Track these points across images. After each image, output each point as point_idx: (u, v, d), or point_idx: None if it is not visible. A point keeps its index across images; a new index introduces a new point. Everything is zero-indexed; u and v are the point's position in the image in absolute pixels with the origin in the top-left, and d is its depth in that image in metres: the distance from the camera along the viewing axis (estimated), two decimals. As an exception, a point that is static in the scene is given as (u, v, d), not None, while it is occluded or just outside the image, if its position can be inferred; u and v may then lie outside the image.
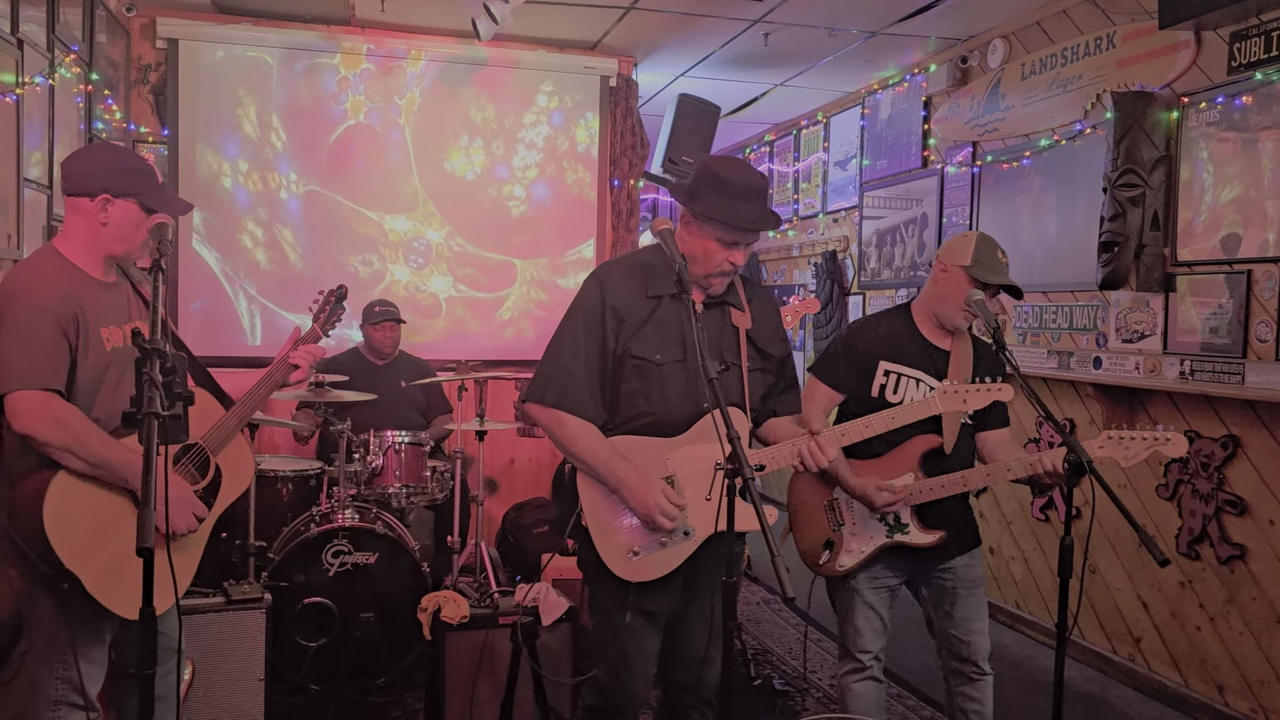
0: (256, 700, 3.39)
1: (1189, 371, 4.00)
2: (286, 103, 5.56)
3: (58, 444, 2.18)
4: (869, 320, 3.11)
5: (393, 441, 4.35)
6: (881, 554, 2.91)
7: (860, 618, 2.96)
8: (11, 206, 3.69)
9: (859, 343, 2.99)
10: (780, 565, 1.92)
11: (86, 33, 4.56)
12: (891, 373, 2.93)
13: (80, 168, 2.36)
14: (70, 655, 2.29)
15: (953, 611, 2.96)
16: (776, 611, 5.25)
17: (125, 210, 2.34)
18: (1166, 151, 4.11)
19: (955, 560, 2.95)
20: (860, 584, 2.94)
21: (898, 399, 2.91)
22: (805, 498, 3.03)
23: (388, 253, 5.76)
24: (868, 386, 2.93)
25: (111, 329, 2.38)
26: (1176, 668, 4.15)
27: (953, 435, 2.85)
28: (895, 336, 2.96)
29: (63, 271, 2.32)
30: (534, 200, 5.95)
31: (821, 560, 2.94)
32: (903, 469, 2.87)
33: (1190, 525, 4.03)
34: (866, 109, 6.57)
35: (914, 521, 2.87)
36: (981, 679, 2.97)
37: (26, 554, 2.20)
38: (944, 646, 3.02)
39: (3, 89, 3.56)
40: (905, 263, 6.06)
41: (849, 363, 2.97)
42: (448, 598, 3.57)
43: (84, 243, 2.36)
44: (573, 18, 5.38)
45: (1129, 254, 4.14)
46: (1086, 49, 4.59)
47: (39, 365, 2.19)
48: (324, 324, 2.82)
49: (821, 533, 2.96)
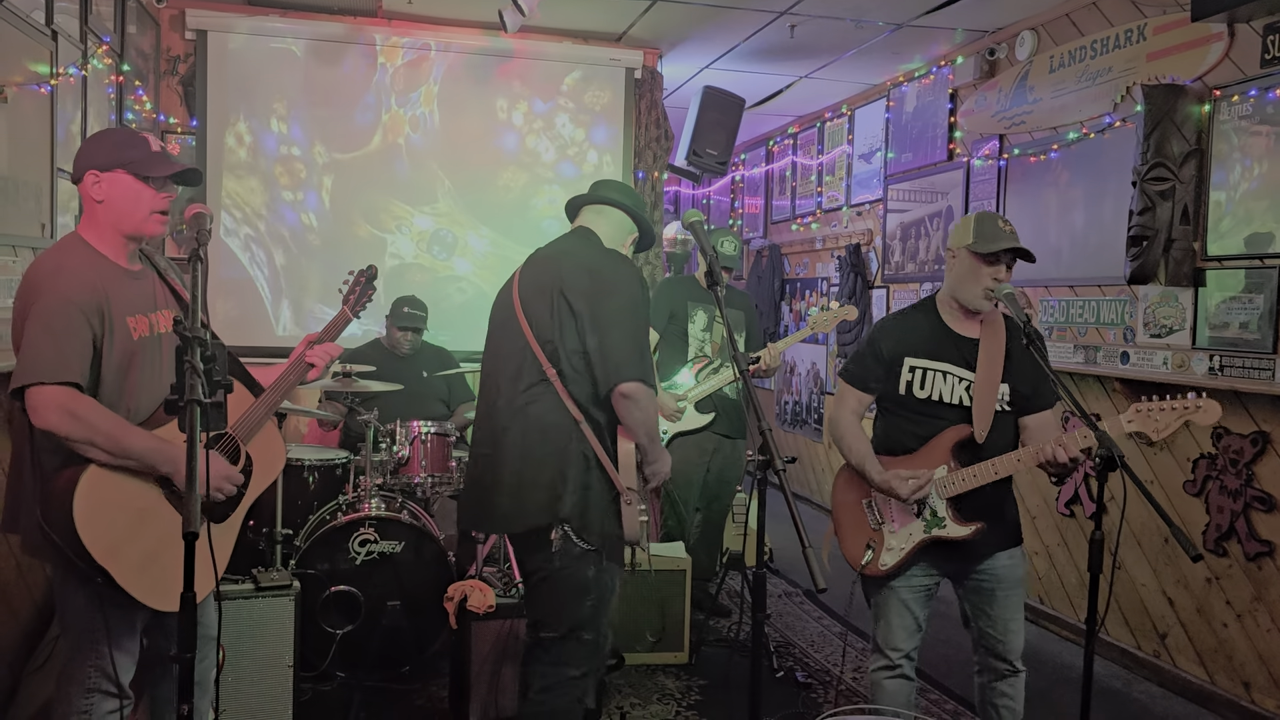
0: (285, 686, 3.43)
1: (1218, 367, 3.97)
2: (313, 94, 5.59)
3: (77, 438, 2.17)
4: (891, 317, 3.09)
5: (419, 431, 4.38)
6: (922, 551, 2.88)
7: (894, 615, 2.94)
8: (46, 196, 3.73)
9: (882, 341, 2.97)
10: (812, 556, 1.93)
11: (118, 24, 4.60)
12: (917, 368, 2.91)
13: (80, 154, 2.38)
14: (104, 645, 2.31)
15: (990, 610, 2.93)
16: (799, 604, 5.26)
17: (115, 182, 2.33)
18: (1197, 145, 4.07)
19: (997, 558, 2.91)
20: (898, 583, 2.92)
21: (925, 394, 2.90)
22: (844, 498, 3.02)
23: (412, 243, 5.79)
24: (895, 384, 2.93)
25: (138, 318, 2.37)
26: (1202, 664, 4.13)
27: (984, 424, 2.82)
28: (918, 331, 2.94)
29: (88, 260, 2.32)
30: (558, 192, 5.96)
31: (864, 561, 2.91)
32: (936, 462, 2.85)
33: (1218, 522, 4.01)
34: (892, 101, 6.54)
35: (950, 514, 2.85)
36: (1014, 676, 2.95)
37: (60, 548, 2.20)
38: (979, 642, 2.99)
39: (38, 80, 3.60)
40: (929, 256, 6.03)
41: (874, 363, 2.96)
42: (474, 587, 3.60)
43: (99, 228, 2.37)
44: (598, 9, 5.38)
45: (1158, 248, 4.11)
46: (1117, 41, 4.56)
47: (60, 359, 2.18)
48: (354, 305, 2.83)
49: (863, 532, 2.95)
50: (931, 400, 2.89)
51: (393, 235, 5.75)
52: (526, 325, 2.69)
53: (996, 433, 2.85)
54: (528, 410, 2.66)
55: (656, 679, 4.13)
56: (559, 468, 2.63)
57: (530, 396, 2.67)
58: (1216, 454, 4.02)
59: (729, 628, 4.72)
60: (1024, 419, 2.92)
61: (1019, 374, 2.88)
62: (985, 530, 2.84)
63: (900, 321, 3.02)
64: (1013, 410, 2.90)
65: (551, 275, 2.71)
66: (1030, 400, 2.90)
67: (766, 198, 8.66)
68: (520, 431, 2.67)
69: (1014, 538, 2.97)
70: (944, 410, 2.89)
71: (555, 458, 2.63)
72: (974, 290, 2.86)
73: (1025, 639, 3.02)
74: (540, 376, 2.65)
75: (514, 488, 2.67)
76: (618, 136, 6.03)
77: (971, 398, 2.85)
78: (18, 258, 3.49)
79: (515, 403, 2.68)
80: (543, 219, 5.94)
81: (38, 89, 3.61)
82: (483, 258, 5.89)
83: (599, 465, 2.66)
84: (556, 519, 2.63)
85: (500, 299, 2.88)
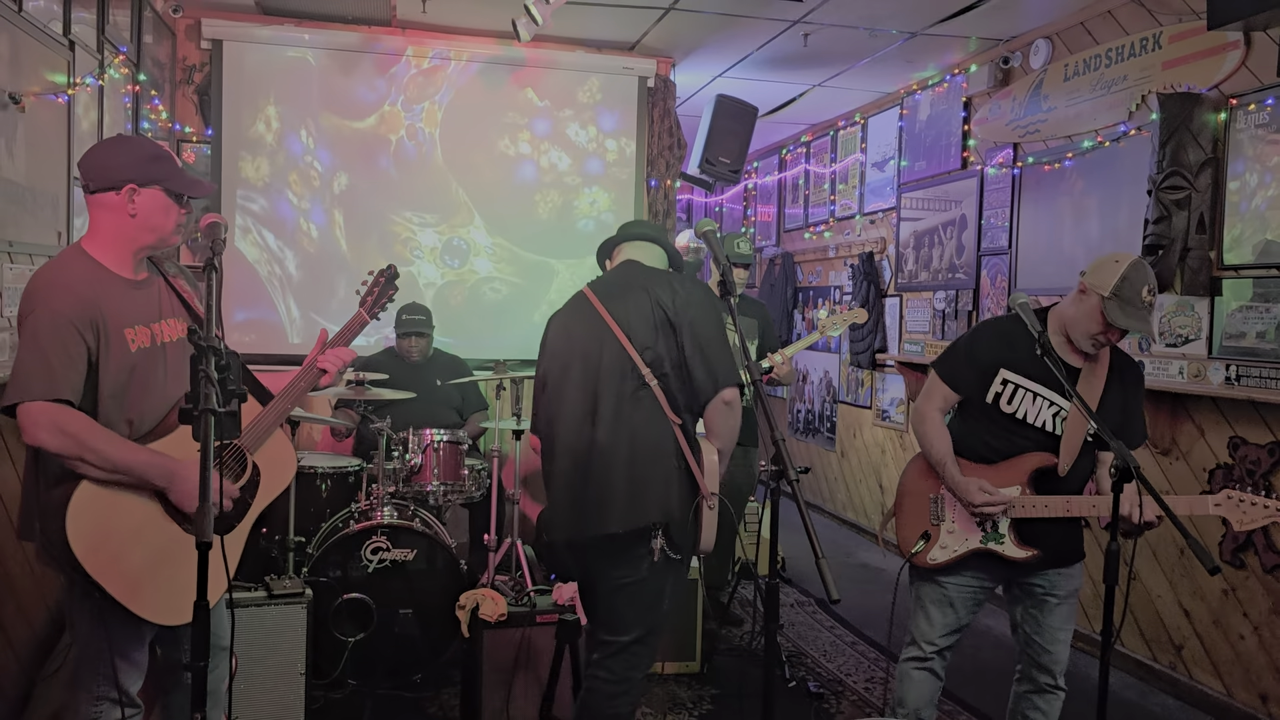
0: (297, 694, 3.44)
1: (1235, 377, 3.95)
2: (328, 103, 5.61)
3: (68, 454, 2.15)
4: (995, 323, 2.99)
5: (431, 440, 4.38)
6: (972, 558, 2.86)
7: (934, 608, 2.93)
8: (62, 205, 3.76)
9: (981, 347, 2.90)
10: (825, 567, 1.92)
11: (134, 34, 4.63)
12: (1010, 382, 2.83)
13: (102, 162, 2.33)
14: (110, 657, 2.30)
15: (1041, 618, 2.90)
16: (811, 614, 5.24)
17: (152, 198, 2.32)
18: (1213, 154, 4.05)
19: (1055, 569, 2.89)
20: (947, 580, 2.91)
21: (1011, 410, 2.83)
22: (913, 487, 2.99)
23: (425, 251, 5.80)
24: (984, 391, 2.86)
25: (138, 329, 2.34)
26: (1219, 676, 4.09)
27: (1070, 458, 2.77)
28: (1021, 345, 2.80)
29: (86, 274, 2.29)
30: (571, 200, 5.97)
31: (915, 549, 2.91)
32: (1011, 480, 2.81)
33: (1234, 533, 3.97)
34: (905, 110, 6.53)
35: (1011, 534, 2.82)
36: (1054, 693, 2.93)
37: (59, 562, 2.20)
38: (1024, 651, 2.96)
39: (55, 89, 3.63)
40: (943, 265, 6.01)
41: (968, 366, 2.90)
42: (486, 595, 3.60)
43: (112, 239, 2.34)
44: (612, 18, 5.39)
45: (1174, 257, 4.09)
46: (1132, 50, 4.54)
47: (50, 376, 2.16)
48: (371, 307, 2.80)
49: (921, 523, 2.93)
50: (1016, 418, 2.83)
51: (407, 242, 5.77)
52: (624, 337, 2.78)
53: (1077, 463, 2.81)
54: (634, 416, 2.75)
55: (669, 688, 4.11)
56: (664, 468, 2.73)
57: (636, 401, 2.76)
58: (1233, 464, 3.99)
59: (741, 637, 4.71)
60: (1103, 453, 2.87)
61: (1113, 409, 2.81)
62: (1043, 556, 2.82)
63: (1001, 328, 2.92)
64: (1094, 443, 2.83)
65: (640, 292, 2.84)
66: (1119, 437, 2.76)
67: (779, 206, 8.66)
68: (629, 435, 2.74)
69: (1075, 555, 2.93)
70: (1028, 431, 2.83)
71: (661, 460, 2.73)
72: (1084, 336, 2.77)
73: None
74: (642, 382, 2.76)
75: (627, 487, 2.73)
76: (630, 145, 6.04)
77: (1059, 426, 2.80)
78: (34, 266, 3.51)
79: (622, 409, 2.76)
80: (554, 225, 5.95)
81: (55, 98, 3.63)
82: (494, 264, 5.90)
83: (688, 469, 2.75)
84: (669, 517, 2.71)
85: (574, 320, 2.93)
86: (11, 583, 3.37)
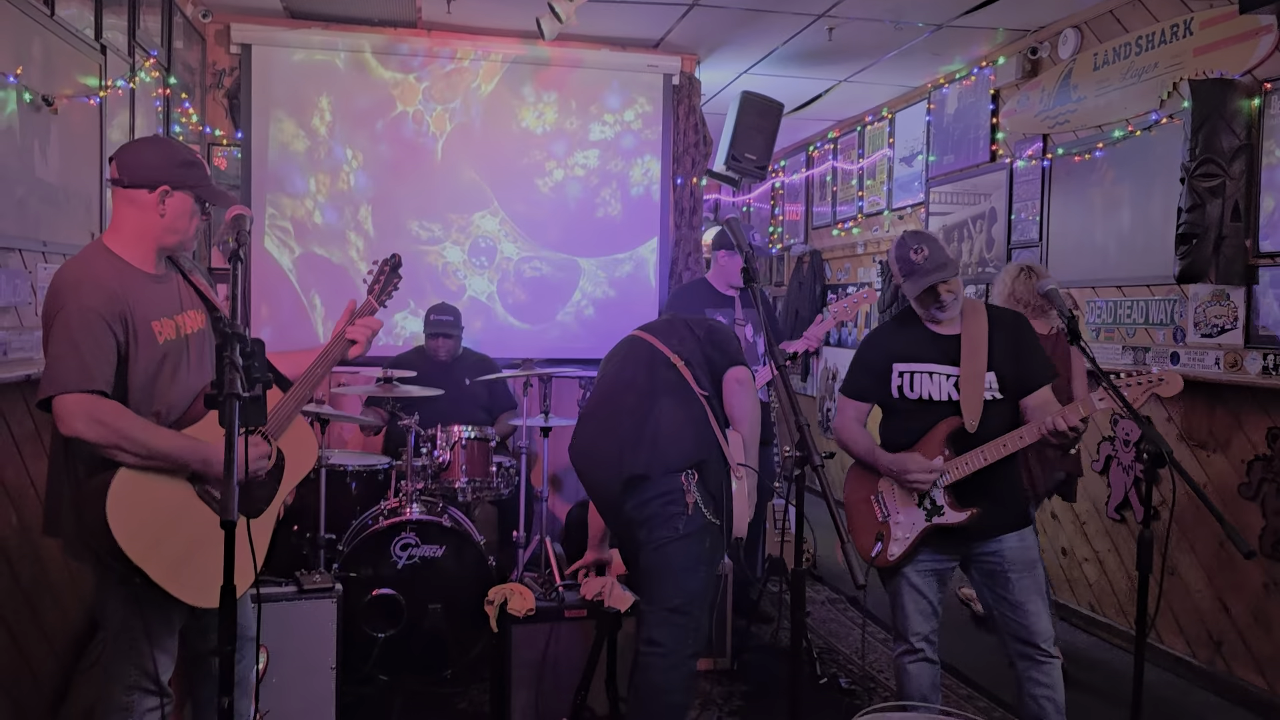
0: (328, 688, 3.45)
1: (1272, 366, 3.87)
2: (355, 105, 5.66)
3: (105, 443, 2.20)
4: (875, 330, 3.28)
5: (460, 437, 4.40)
6: (927, 538, 2.99)
7: (907, 600, 3.04)
8: (95, 206, 3.81)
9: (869, 352, 3.15)
10: (850, 551, 1.91)
11: (165, 38, 4.70)
12: (904, 372, 3.04)
13: (140, 160, 2.39)
14: (143, 644, 2.35)
15: (1006, 594, 2.96)
16: (842, 611, 5.20)
17: (182, 202, 2.39)
18: (1247, 140, 3.98)
19: (1005, 540, 2.97)
20: (908, 570, 3.02)
21: (915, 395, 3.01)
22: (854, 496, 3.17)
23: (453, 250, 5.83)
24: (888, 390, 3.07)
25: (163, 322, 2.40)
26: (1261, 672, 4.01)
27: (974, 413, 2.91)
28: (900, 337, 3.09)
29: (111, 269, 2.35)
30: (597, 199, 5.97)
31: (874, 552, 3.03)
32: (931, 454, 2.96)
33: (1275, 525, 3.90)
34: (932, 104, 6.48)
35: (947, 501, 2.95)
36: (1047, 661, 2.94)
37: (96, 551, 2.24)
38: (1004, 630, 3.02)
39: (88, 92, 3.68)
40: (973, 259, 5.96)
41: (864, 373, 3.14)
42: (514, 590, 3.60)
43: (136, 235, 2.40)
44: (635, 16, 5.40)
45: (1208, 246, 4.02)
46: (1162, 36, 4.48)
47: (84, 368, 2.21)
48: (379, 294, 2.81)
49: (872, 526, 3.07)
50: (923, 400, 3.02)
51: (434, 242, 5.80)
52: (658, 341, 3.22)
53: (991, 421, 2.92)
54: (666, 383, 3.09)
55: (698, 684, 4.09)
56: (696, 426, 3.03)
57: (667, 376, 3.11)
58: (1271, 456, 3.91)
59: (773, 633, 4.68)
60: (1024, 401, 2.98)
61: (1003, 361, 2.96)
62: (983, 515, 2.92)
63: (883, 331, 3.21)
64: (1006, 397, 2.97)
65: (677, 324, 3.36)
66: (1022, 382, 2.97)
67: (807, 204, 8.62)
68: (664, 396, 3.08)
69: (1019, 520, 3.02)
70: (936, 408, 2.99)
71: (692, 420, 3.04)
72: (924, 315, 3.05)
73: (1077, 647, 2.97)
74: (670, 364, 3.12)
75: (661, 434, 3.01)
76: (656, 142, 6.03)
77: (960, 390, 2.95)
78: (68, 266, 3.56)
79: (655, 379, 3.11)
80: (580, 223, 5.96)
81: (87, 101, 3.69)
82: (521, 262, 5.91)
83: (716, 439, 3.01)
84: (698, 460, 2.97)
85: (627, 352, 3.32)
86: (48, 579, 3.41)
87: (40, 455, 3.36)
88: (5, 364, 3.07)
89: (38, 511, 3.32)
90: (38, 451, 3.35)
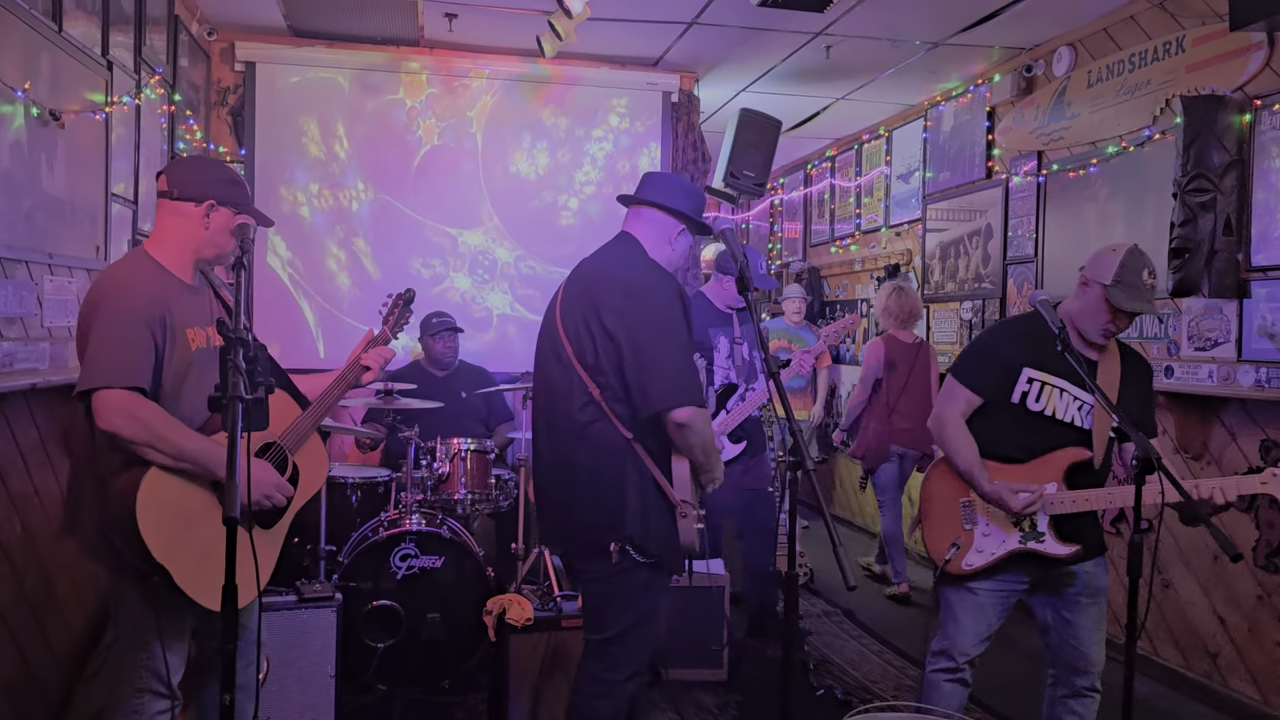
0: (327, 697, 3.48)
1: (1265, 379, 3.91)
2: (358, 122, 5.72)
3: (140, 440, 2.26)
4: (1014, 323, 3.01)
5: (459, 449, 4.43)
6: (1012, 561, 2.84)
7: (968, 618, 2.89)
8: (100, 219, 3.86)
9: (1004, 346, 2.89)
10: (843, 555, 1.94)
11: (170, 56, 4.76)
12: (1036, 380, 2.83)
13: (191, 175, 2.52)
14: (156, 645, 2.39)
15: (1073, 619, 2.88)
16: (838, 624, 5.21)
17: (225, 218, 2.51)
18: (1239, 155, 4.03)
19: (1082, 565, 2.87)
20: (979, 586, 2.88)
21: (1040, 408, 2.83)
22: (939, 491, 2.96)
23: (454, 266, 5.88)
24: (1009, 392, 2.85)
25: (196, 330, 2.49)
26: (1255, 684, 4.03)
27: (1101, 450, 2.79)
28: (1040, 341, 2.80)
29: (153, 274, 2.45)
30: (598, 215, 6.03)
31: (948, 556, 2.86)
32: (1045, 479, 2.81)
33: (1268, 538, 3.92)
34: (929, 121, 6.55)
35: (1051, 531, 2.81)
36: (1090, 696, 2.90)
37: (118, 548, 2.29)
38: (1058, 655, 2.93)
39: (93, 108, 3.74)
40: (969, 275, 6.00)
41: (993, 367, 2.87)
42: (513, 600, 3.62)
43: (178, 245, 2.51)
44: (635, 34, 5.46)
45: (1200, 260, 4.07)
46: (1155, 54, 4.54)
47: (125, 365, 2.28)
48: (393, 326, 2.94)
49: (951, 529, 2.90)
50: (1045, 416, 2.83)
51: (434, 256, 5.85)
52: (570, 347, 2.70)
53: (1107, 460, 2.83)
54: (588, 431, 2.66)
55: (694, 695, 4.11)
56: (619, 488, 2.65)
57: (587, 415, 2.67)
58: (1265, 468, 3.93)
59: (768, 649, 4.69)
60: (1124, 445, 2.85)
61: (1130, 401, 2.82)
62: (1082, 553, 2.82)
63: (1023, 328, 2.91)
64: (1115, 438, 2.83)
65: (587, 295, 2.72)
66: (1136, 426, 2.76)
67: (805, 221, 8.68)
68: (585, 452, 2.69)
69: (1098, 549, 2.93)
70: (1057, 428, 2.83)
71: (615, 478, 2.65)
72: (1094, 328, 2.81)
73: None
74: (589, 397, 2.65)
75: (579, 506, 2.71)
76: (655, 160, 6.09)
77: (1086, 420, 2.81)
78: (74, 278, 3.61)
79: (576, 422, 2.68)
80: (578, 238, 6.01)
81: (93, 116, 3.74)
82: (520, 277, 5.96)
83: (654, 482, 2.67)
84: (620, 536, 2.65)
85: (545, 318, 2.89)
86: (51, 586, 3.44)
87: (45, 464, 3.39)
88: (11, 374, 3.11)
89: (43, 520, 3.35)
90: (42, 460, 3.38)
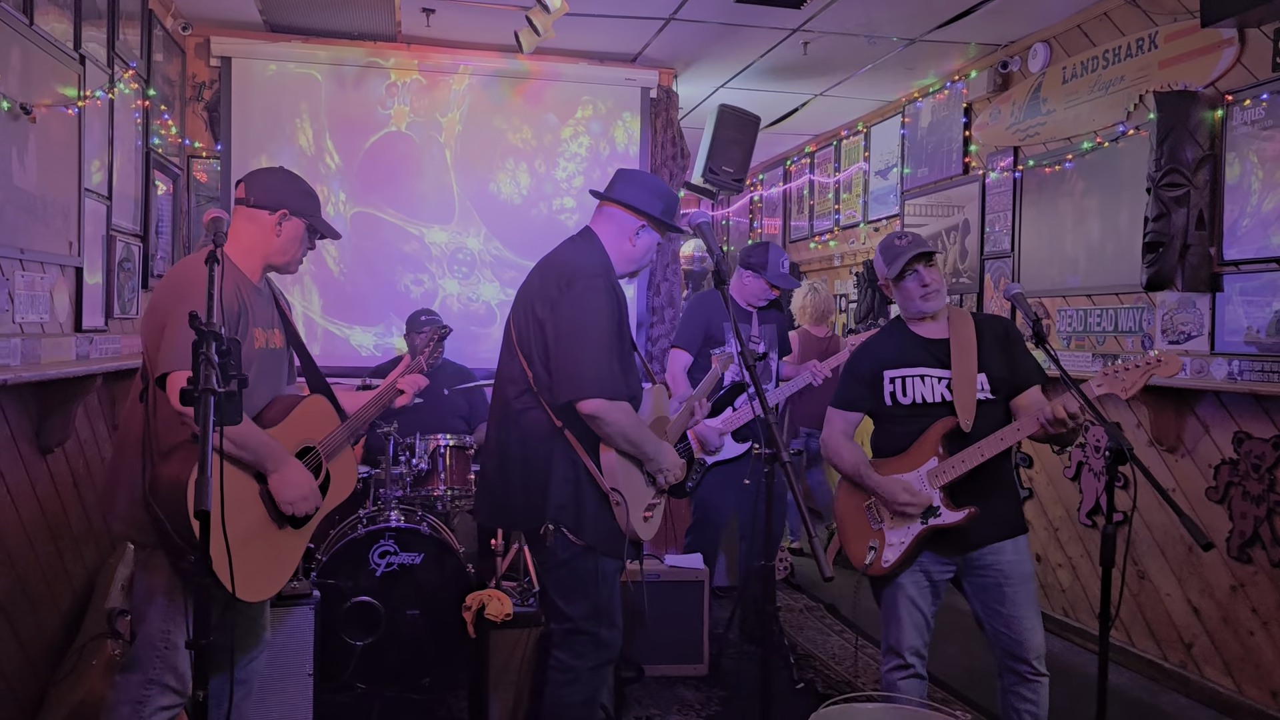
0: (305, 695, 3.45)
1: (1237, 372, 3.95)
2: (335, 118, 5.69)
3: None
4: (863, 340, 3.31)
5: (438, 445, 4.42)
6: (923, 544, 2.94)
7: (903, 612, 2.98)
8: (73, 215, 3.82)
9: (860, 362, 3.13)
10: (818, 545, 1.95)
11: (145, 51, 4.72)
12: (895, 378, 3.03)
13: (269, 184, 2.68)
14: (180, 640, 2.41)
15: (1001, 608, 2.93)
16: (820, 619, 5.24)
17: (296, 228, 2.68)
18: (1211, 150, 4.07)
19: (1001, 552, 2.94)
20: (904, 579, 2.97)
21: (908, 399, 3.01)
22: (846, 506, 3.13)
23: (431, 262, 5.86)
24: (881, 398, 3.05)
25: (259, 330, 2.62)
26: (1229, 674, 4.07)
27: (969, 412, 2.90)
28: (889, 345, 3.10)
29: (231, 270, 2.58)
30: (577, 211, 6.02)
31: (868, 560, 2.98)
32: (926, 455, 2.95)
33: (1241, 528, 3.97)
34: (907, 118, 6.58)
35: (944, 502, 2.92)
36: (1037, 680, 2.93)
37: (162, 524, 2.33)
38: (995, 644, 2.98)
39: (66, 102, 3.70)
40: (947, 270, 6.03)
41: (856, 383, 3.11)
42: (492, 595, 3.62)
43: (250, 249, 2.65)
44: (613, 30, 5.46)
45: (1174, 254, 4.11)
46: (1128, 50, 4.57)
47: None
48: (428, 358, 3.11)
49: (865, 534, 3.03)
50: (916, 403, 3.00)
51: (413, 253, 5.83)
52: (515, 335, 2.84)
53: (984, 421, 2.91)
54: (522, 418, 2.79)
55: (675, 690, 4.12)
56: (546, 473, 2.76)
57: (523, 404, 2.80)
58: (1238, 459, 3.98)
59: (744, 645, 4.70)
60: (1015, 401, 3.00)
61: (992, 361, 2.98)
62: (980, 515, 2.89)
63: (872, 341, 3.22)
64: (998, 397, 2.98)
65: (533, 286, 2.87)
66: (1013, 382, 2.99)
67: (784, 217, 8.70)
68: (517, 438, 2.81)
69: (1016, 526, 3.00)
70: (930, 410, 2.98)
71: (543, 464, 2.76)
72: (911, 308, 3.04)
73: (1050, 651, 2.99)
74: (527, 385, 2.79)
75: (512, 489, 2.83)
76: (634, 156, 6.09)
77: (952, 391, 2.95)
78: (45, 274, 3.57)
79: (512, 409, 2.82)
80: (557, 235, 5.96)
81: (65, 110, 3.70)
82: (499, 274, 5.95)
83: (585, 469, 2.75)
84: (546, 519, 2.75)
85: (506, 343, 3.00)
86: (24, 585, 3.41)
87: (16, 462, 3.36)
88: (-18, 371, 3.07)
89: (14, 519, 3.32)
90: (14, 458, 3.34)
